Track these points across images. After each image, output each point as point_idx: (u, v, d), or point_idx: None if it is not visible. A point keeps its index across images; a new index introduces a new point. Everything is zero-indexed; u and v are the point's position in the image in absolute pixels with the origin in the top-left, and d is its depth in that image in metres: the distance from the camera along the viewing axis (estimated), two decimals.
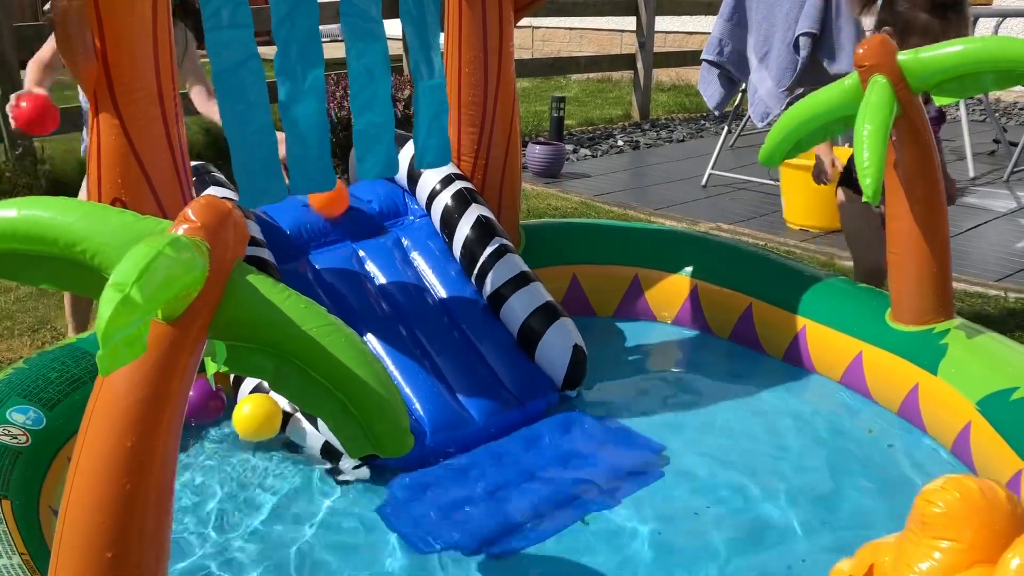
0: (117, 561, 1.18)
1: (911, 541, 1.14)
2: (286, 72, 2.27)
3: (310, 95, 2.32)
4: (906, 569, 1.12)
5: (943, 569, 1.08)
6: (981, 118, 7.35)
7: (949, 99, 2.27)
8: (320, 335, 1.25)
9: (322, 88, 2.33)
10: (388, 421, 1.26)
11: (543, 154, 5.60)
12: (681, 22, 10.31)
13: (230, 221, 1.26)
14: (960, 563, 1.08)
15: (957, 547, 1.09)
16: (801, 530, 1.93)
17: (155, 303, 1.04)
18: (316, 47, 2.31)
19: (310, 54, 2.29)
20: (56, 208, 1.27)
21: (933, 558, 1.10)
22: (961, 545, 1.09)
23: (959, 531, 1.09)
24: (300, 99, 2.30)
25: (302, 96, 2.30)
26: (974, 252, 4.01)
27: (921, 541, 1.12)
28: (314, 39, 2.30)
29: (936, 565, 1.10)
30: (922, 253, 2.35)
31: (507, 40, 2.76)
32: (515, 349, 2.53)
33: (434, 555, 1.84)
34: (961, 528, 1.09)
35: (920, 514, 1.13)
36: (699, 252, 3.03)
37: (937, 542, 1.10)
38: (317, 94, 2.33)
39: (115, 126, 2.01)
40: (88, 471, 1.20)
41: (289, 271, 2.50)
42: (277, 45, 2.26)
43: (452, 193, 2.71)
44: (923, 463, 2.20)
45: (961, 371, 2.21)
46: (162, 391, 1.20)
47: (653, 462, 2.17)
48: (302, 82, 2.30)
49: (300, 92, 2.29)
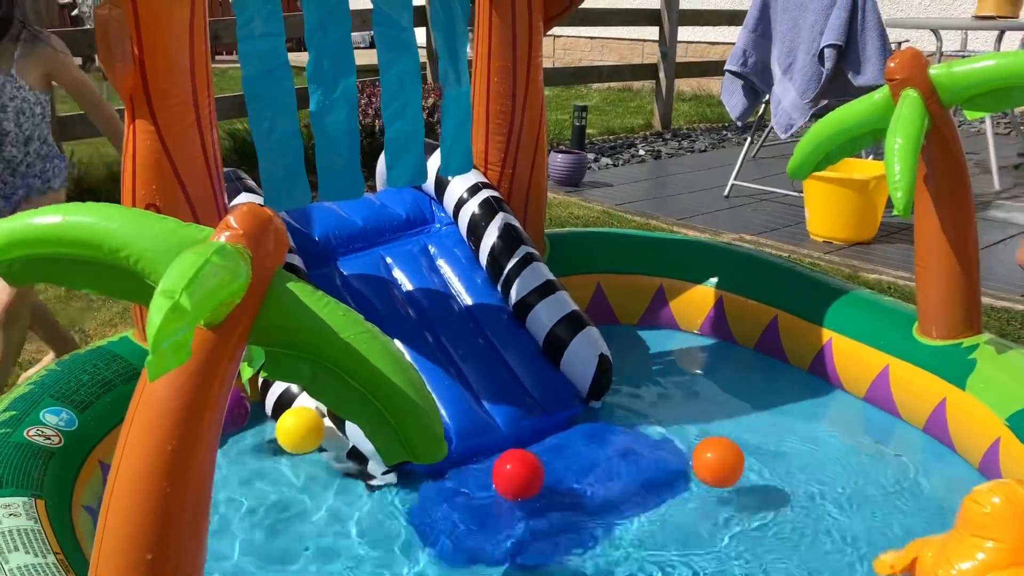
0: (156, 563, 1.20)
1: (956, 539, 1.18)
2: (318, 80, 2.31)
3: (341, 103, 2.35)
4: (947, 564, 1.16)
5: (983, 567, 1.12)
6: (1006, 131, 7.30)
7: (980, 113, 2.26)
8: (358, 342, 1.26)
9: (354, 97, 2.36)
10: (423, 428, 1.27)
11: (565, 163, 5.61)
12: (703, 32, 10.30)
13: (271, 228, 1.28)
14: (1000, 562, 1.12)
15: (999, 547, 1.13)
16: (826, 544, 1.93)
17: (203, 310, 1.06)
18: (348, 56, 2.34)
19: (342, 63, 2.33)
20: (100, 214, 1.29)
21: (975, 556, 1.14)
22: (1003, 545, 1.13)
23: (1003, 532, 1.13)
24: (332, 108, 2.33)
25: (333, 105, 2.33)
26: (1000, 266, 3.98)
27: (965, 539, 1.16)
28: (346, 48, 2.33)
29: (977, 563, 1.14)
30: (951, 267, 2.34)
31: (536, 50, 2.77)
32: (541, 358, 2.54)
33: (461, 563, 1.84)
34: (1005, 529, 1.13)
35: (967, 514, 1.18)
36: (724, 263, 3.03)
37: (981, 541, 1.14)
38: (348, 103, 2.36)
39: (150, 132, 2.04)
40: (129, 474, 1.22)
41: (318, 277, 2.52)
42: (309, 53, 2.29)
43: (479, 201, 2.73)
44: (949, 478, 2.19)
45: (990, 386, 2.20)
46: (203, 396, 1.22)
47: (680, 473, 2.17)
48: (333, 91, 2.33)
49: (332, 101, 2.33)
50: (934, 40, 6.06)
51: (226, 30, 5.12)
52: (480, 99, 2.82)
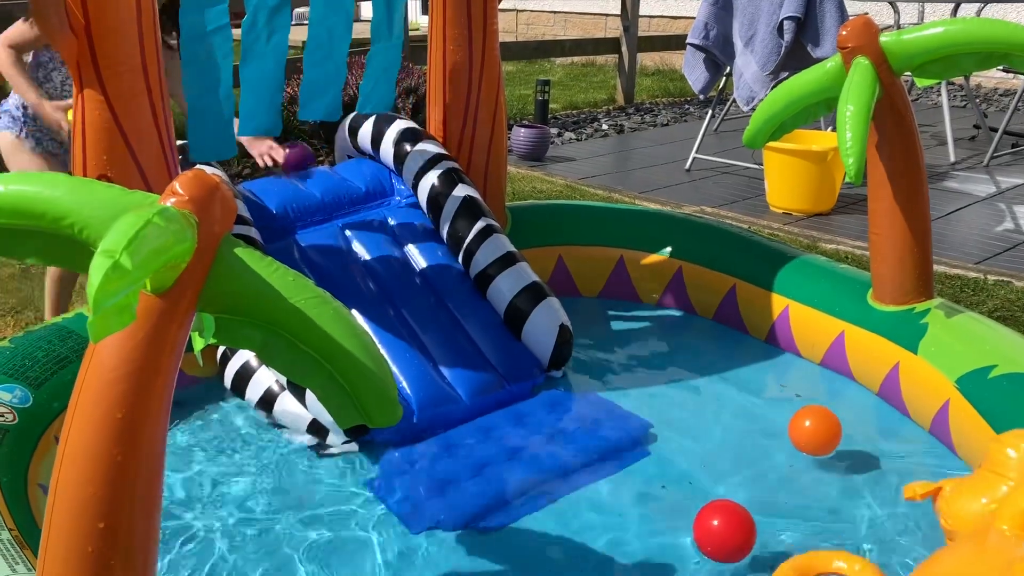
0: (109, 531, 1.19)
1: (979, 477, 1.30)
2: (252, 34, 2.43)
3: (269, 55, 2.48)
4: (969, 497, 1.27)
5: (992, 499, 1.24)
6: (962, 104, 7.40)
7: (930, 80, 2.29)
8: (307, 307, 1.26)
9: (283, 52, 2.51)
10: (376, 391, 1.27)
11: (528, 137, 5.61)
12: (665, 6, 10.31)
13: (218, 195, 1.26)
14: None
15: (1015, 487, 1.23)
16: (778, 508, 1.96)
17: (144, 270, 1.04)
18: (284, 18, 2.47)
19: (275, 22, 2.45)
20: (42, 182, 1.26)
21: (993, 493, 1.25)
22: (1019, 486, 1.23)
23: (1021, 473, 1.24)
24: (259, 56, 2.47)
25: (262, 54, 2.47)
26: (954, 236, 4.06)
27: (987, 478, 1.28)
28: (284, 10, 2.46)
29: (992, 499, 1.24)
30: (904, 234, 2.38)
31: (491, 17, 2.76)
32: (501, 328, 2.54)
33: (422, 528, 1.85)
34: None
35: (991, 454, 1.29)
36: (684, 233, 3.05)
37: (1002, 480, 1.26)
38: (276, 56, 2.50)
39: (100, 101, 2.01)
40: (79, 443, 1.20)
41: (276, 250, 2.51)
42: (247, 10, 2.41)
43: (439, 173, 2.72)
44: (896, 439, 2.24)
45: (941, 350, 2.24)
46: (152, 363, 1.21)
47: (639, 438, 2.20)
48: (265, 43, 2.46)
49: (261, 51, 2.46)
50: (892, 13, 6.12)
51: None
52: (436, 70, 2.80)
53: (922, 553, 1.81)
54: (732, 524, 1.70)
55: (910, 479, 2.05)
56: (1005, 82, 8.26)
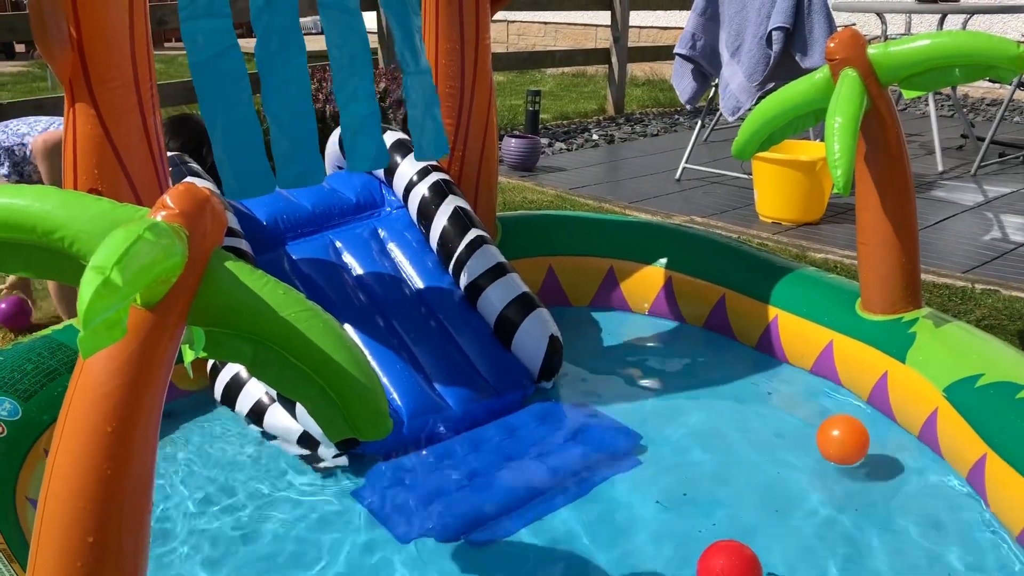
0: (98, 546, 1.19)
1: None
2: (267, 62, 2.25)
3: (292, 85, 2.27)
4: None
5: None
6: (950, 113, 7.46)
7: (917, 92, 2.32)
8: (298, 320, 1.26)
9: (305, 78, 2.29)
10: (366, 404, 1.28)
11: (518, 147, 5.62)
12: (655, 17, 10.36)
13: (208, 208, 1.27)
14: None
15: None
16: (773, 517, 1.97)
17: (135, 286, 1.05)
18: (297, 37, 2.27)
19: (291, 43, 2.27)
20: (33, 196, 1.26)
21: None
22: None
23: None
24: (283, 89, 2.25)
25: (284, 86, 2.26)
26: (942, 245, 4.08)
27: None
28: (294, 28, 2.27)
29: None
30: (891, 244, 2.40)
31: (483, 31, 2.77)
32: (492, 339, 2.55)
33: (411, 541, 1.85)
34: None
35: None
36: (673, 244, 3.06)
37: None
38: (300, 84, 2.28)
39: (91, 116, 2.01)
40: (68, 457, 1.20)
41: (266, 261, 2.51)
42: (257, 35, 2.24)
43: (429, 184, 2.73)
44: (885, 446, 2.25)
45: (929, 359, 2.26)
46: (142, 377, 1.21)
47: (629, 450, 2.20)
48: (284, 72, 2.26)
49: (282, 82, 2.25)
50: (879, 24, 6.17)
51: (173, 15, 5.02)
52: None
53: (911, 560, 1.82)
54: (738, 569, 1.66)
55: (900, 486, 2.08)
56: (992, 92, 8.33)
